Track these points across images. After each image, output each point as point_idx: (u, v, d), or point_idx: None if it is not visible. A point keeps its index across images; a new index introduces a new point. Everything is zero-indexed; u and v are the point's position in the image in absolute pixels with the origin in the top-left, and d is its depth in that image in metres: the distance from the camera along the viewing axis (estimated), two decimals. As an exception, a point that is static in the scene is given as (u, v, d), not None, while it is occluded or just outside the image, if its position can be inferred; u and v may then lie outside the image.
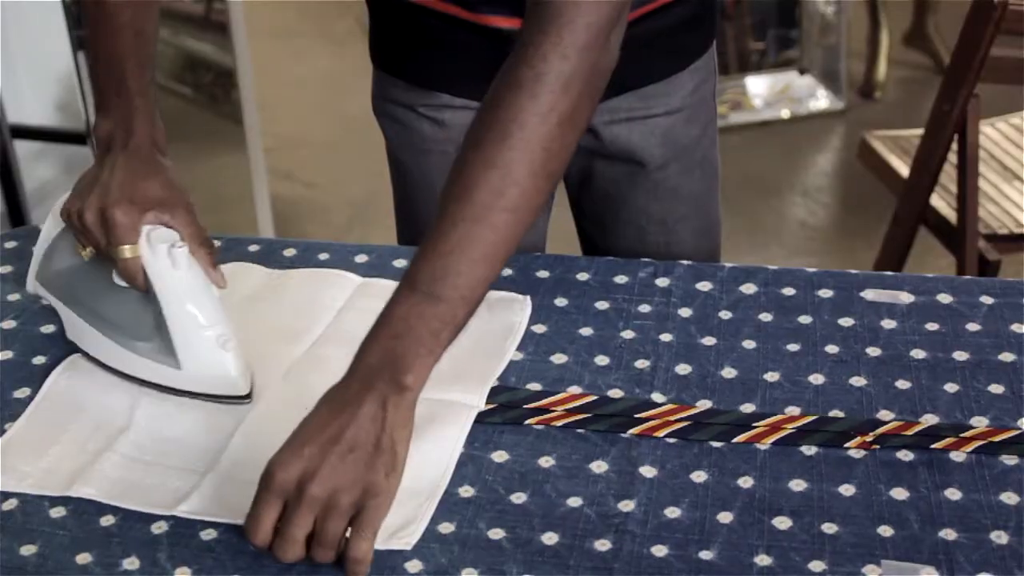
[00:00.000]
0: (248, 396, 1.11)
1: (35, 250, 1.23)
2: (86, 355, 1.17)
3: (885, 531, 0.97)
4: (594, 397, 1.11)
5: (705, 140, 1.43)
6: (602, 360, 1.16)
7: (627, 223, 1.42)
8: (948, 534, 0.96)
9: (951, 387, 1.11)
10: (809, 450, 1.05)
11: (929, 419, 1.08)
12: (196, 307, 1.11)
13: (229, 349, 1.10)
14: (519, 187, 0.98)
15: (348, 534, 0.94)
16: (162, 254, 1.10)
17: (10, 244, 1.36)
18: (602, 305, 1.23)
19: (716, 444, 1.06)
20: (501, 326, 1.20)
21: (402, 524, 0.98)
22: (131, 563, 0.97)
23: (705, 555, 0.96)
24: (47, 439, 1.08)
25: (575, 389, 1.12)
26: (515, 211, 0.98)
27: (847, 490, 1.01)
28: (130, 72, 1.15)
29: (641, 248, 1.40)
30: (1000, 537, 0.96)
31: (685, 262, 1.29)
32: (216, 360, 1.10)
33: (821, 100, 3.58)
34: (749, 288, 1.25)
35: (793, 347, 1.17)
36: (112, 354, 1.14)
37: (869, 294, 1.23)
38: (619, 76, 1.07)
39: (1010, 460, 1.03)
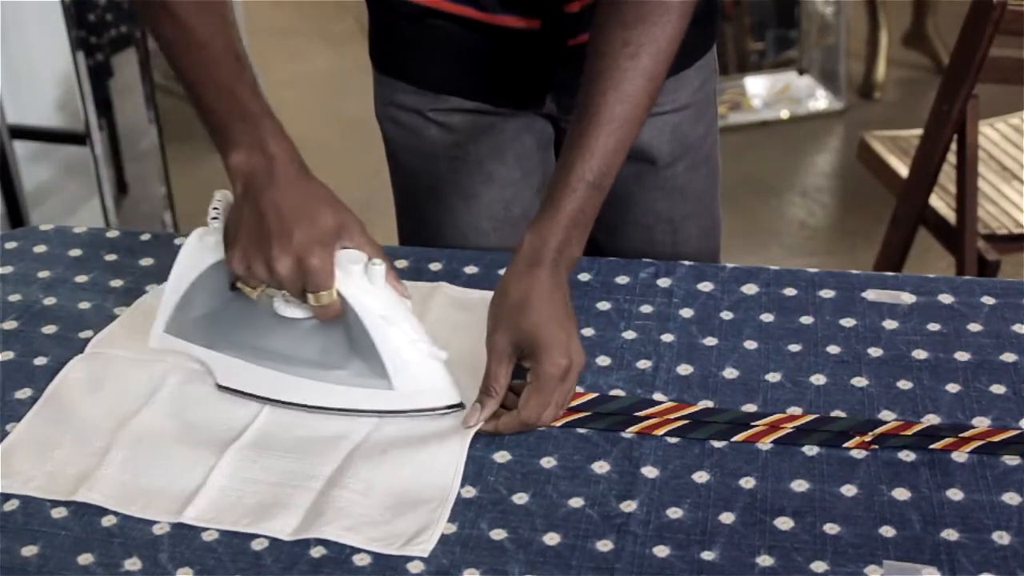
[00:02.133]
0: (462, 404, 1.09)
1: (162, 304, 1.16)
2: (249, 396, 1.12)
3: (887, 531, 0.97)
4: (594, 395, 1.11)
5: (709, 138, 1.43)
6: (603, 360, 1.16)
7: (634, 223, 1.42)
8: (950, 534, 0.96)
9: (953, 387, 1.11)
10: (811, 450, 1.05)
11: (931, 419, 1.08)
12: (404, 322, 1.08)
13: (437, 359, 1.08)
14: (655, 96, 1.14)
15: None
16: (357, 275, 1.06)
17: (10, 244, 1.36)
18: (603, 305, 1.23)
19: (718, 444, 1.06)
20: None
21: (417, 531, 0.98)
22: (132, 564, 0.97)
23: (707, 555, 0.96)
24: (50, 441, 1.08)
25: (576, 389, 1.12)
26: (646, 114, 1.14)
27: (849, 490, 1.01)
28: (247, 97, 1.09)
29: (648, 248, 1.40)
30: (1002, 537, 0.96)
31: (686, 263, 1.29)
32: (428, 373, 1.08)
33: (820, 100, 3.58)
34: (750, 288, 1.25)
35: (794, 347, 1.17)
36: (298, 390, 1.10)
37: (870, 294, 1.23)
38: None
39: (1012, 460, 1.03)
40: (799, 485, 1.02)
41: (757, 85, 3.60)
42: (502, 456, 1.06)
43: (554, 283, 1.09)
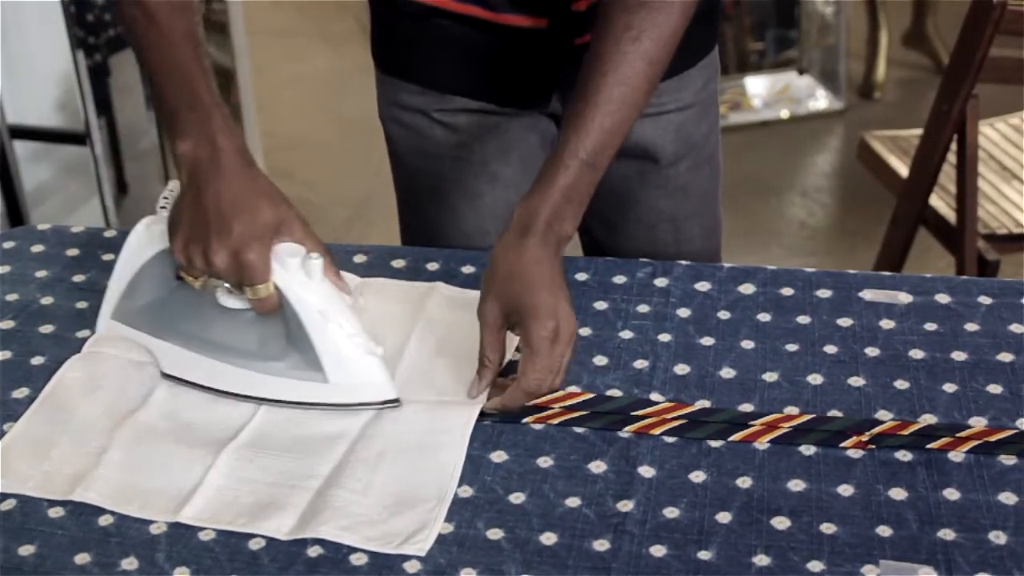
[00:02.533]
0: (398, 400, 1.09)
1: (109, 291, 1.18)
2: (189, 384, 1.13)
3: (884, 531, 0.97)
4: (591, 395, 1.11)
5: (712, 138, 1.44)
6: (600, 360, 1.16)
7: (636, 222, 1.42)
8: (946, 534, 0.96)
9: (950, 387, 1.11)
10: (808, 450, 1.05)
11: (928, 419, 1.08)
12: (340, 317, 1.08)
13: (374, 355, 1.09)
14: (655, 82, 1.15)
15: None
16: (294, 268, 1.07)
17: (8, 244, 1.36)
18: (601, 305, 1.23)
19: (714, 444, 1.06)
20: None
21: (415, 530, 0.98)
22: (130, 563, 0.97)
23: (704, 555, 0.96)
24: (47, 441, 1.08)
25: (573, 389, 1.12)
26: (645, 100, 1.15)
27: (846, 490, 1.01)
28: (199, 84, 1.10)
29: (650, 247, 1.40)
30: (998, 537, 0.96)
31: (683, 262, 1.29)
32: (364, 368, 1.08)
33: (820, 100, 3.57)
34: (748, 288, 1.25)
35: (792, 347, 1.17)
36: (237, 380, 1.11)
37: (867, 294, 1.23)
38: None
39: (1008, 460, 1.03)
40: (796, 485, 1.02)
41: (757, 85, 3.59)
42: (499, 456, 1.06)
43: (542, 253, 1.10)
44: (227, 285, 1.12)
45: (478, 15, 1.28)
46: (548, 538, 0.98)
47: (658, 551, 0.96)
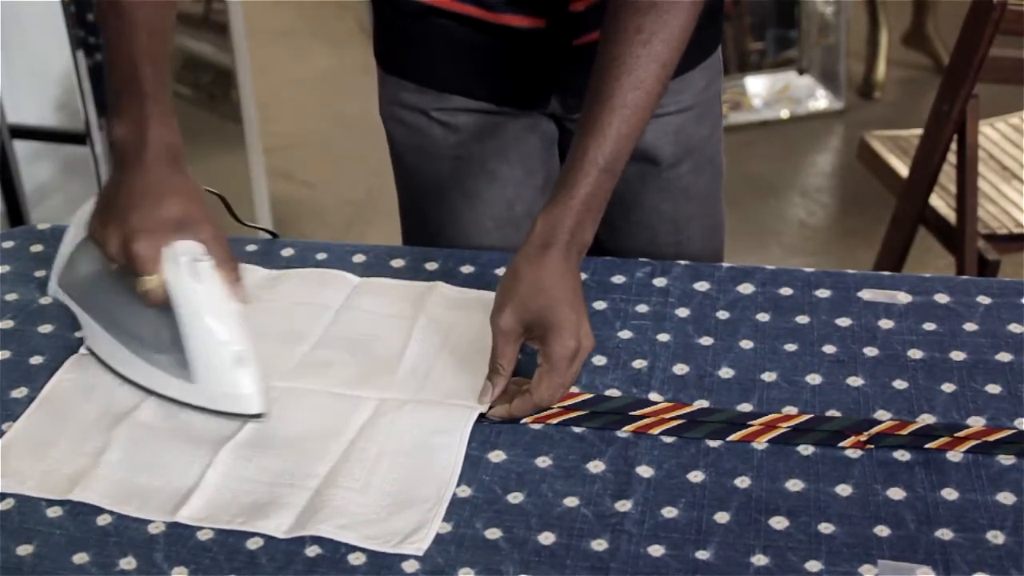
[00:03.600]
0: (261, 415, 1.09)
1: (58, 255, 1.22)
2: (100, 361, 1.16)
3: (882, 531, 0.97)
4: (590, 395, 1.11)
5: (714, 139, 1.43)
6: (599, 360, 1.16)
7: (637, 223, 1.42)
8: (944, 534, 0.96)
9: (948, 387, 1.11)
10: (806, 450, 1.05)
11: (926, 419, 1.08)
12: (216, 322, 1.09)
13: (246, 367, 1.08)
14: (667, 84, 1.15)
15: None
16: (183, 267, 1.08)
17: (8, 244, 1.36)
18: (599, 305, 1.23)
19: (713, 444, 1.06)
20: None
21: (413, 529, 0.98)
22: (128, 563, 0.97)
23: (702, 555, 0.96)
24: (46, 440, 1.08)
25: (572, 389, 1.12)
26: (658, 101, 1.15)
27: (844, 490, 1.01)
28: (144, 74, 1.11)
29: (652, 248, 1.40)
30: (996, 537, 0.96)
31: (682, 262, 1.29)
32: (231, 378, 1.09)
33: (820, 100, 3.57)
34: (746, 288, 1.25)
35: (790, 347, 1.17)
36: (127, 364, 1.13)
37: (866, 294, 1.23)
38: None
39: (1007, 460, 1.03)
40: (794, 485, 1.02)
41: (757, 85, 3.59)
42: (497, 455, 1.06)
43: (566, 266, 1.10)
44: None
45: (476, 15, 1.28)
46: (546, 538, 0.98)
47: (656, 551, 0.96)
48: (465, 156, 1.38)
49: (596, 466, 1.04)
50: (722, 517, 0.99)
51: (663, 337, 1.19)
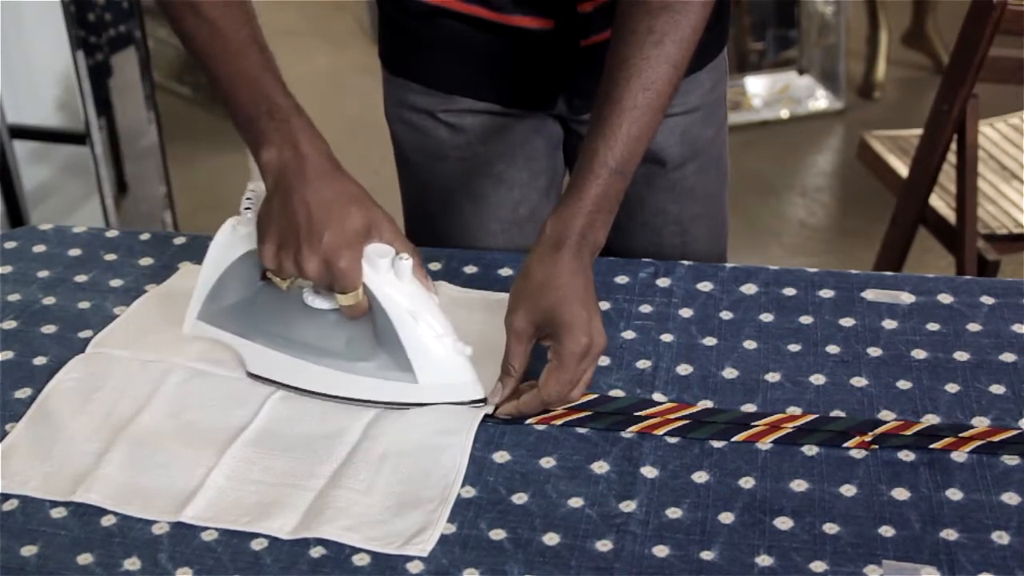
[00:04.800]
0: (485, 400, 1.10)
1: (196, 292, 1.18)
2: (277, 384, 1.13)
3: (886, 531, 0.97)
4: (594, 395, 1.11)
5: (719, 140, 1.43)
6: (603, 360, 1.16)
7: (643, 224, 1.42)
8: (949, 534, 0.96)
9: (952, 387, 1.11)
10: (810, 450, 1.05)
11: (930, 419, 1.08)
12: (430, 317, 1.08)
13: (463, 354, 1.09)
14: (678, 85, 1.14)
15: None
16: (384, 269, 1.07)
17: (9, 244, 1.36)
18: (604, 305, 1.23)
19: (717, 444, 1.06)
20: (504, 328, 1.19)
21: (417, 530, 0.98)
22: (132, 564, 0.97)
23: (706, 555, 0.96)
24: (49, 441, 1.08)
25: (576, 389, 1.12)
26: (669, 102, 1.15)
27: (848, 490, 1.01)
28: (275, 91, 1.10)
29: (657, 249, 1.40)
30: (1001, 537, 0.96)
31: (686, 262, 1.29)
32: (455, 368, 1.09)
33: (820, 100, 3.58)
34: (750, 288, 1.25)
35: (794, 347, 1.17)
36: (324, 380, 1.11)
37: (870, 294, 1.23)
38: None
39: (1011, 460, 1.03)
40: (798, 485, 1.02)
41: (757, 85, 3.60)
42: (502, 456, 1.06)
43: (577, 266, 1.10)
44: (313, 285, 1.12)
45: (483, 16, 1.28)
46: (551, 538, 0.98)
47: (661, 551, 0.96)
48: (471, 158, 1.38)
49: (600, 467, 1.04)
50: (726, 517, 0.99)
51: (667, 337, 1.19)
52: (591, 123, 1.13)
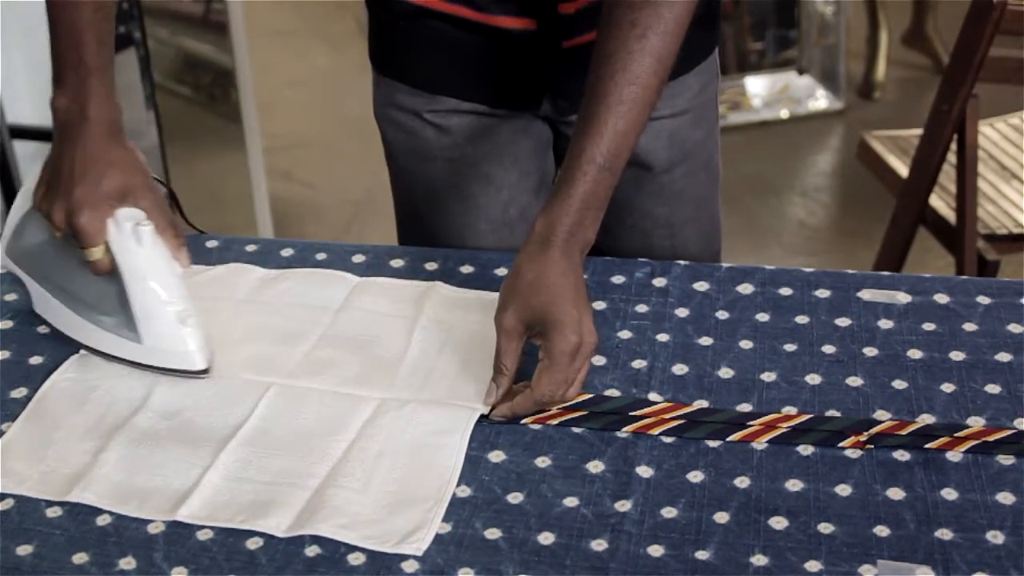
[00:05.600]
0: (206, 371, 1.14)
1: (6, 225, 1.25)
2: (49, 326, 1.20)
3: (881, 531, 0.97)
4: (590, 395, 1.11)
5: (709, 143, 1.43)
6: (599, 360, 1.16)
7: (632, 227, 1.42)
8: (944, 534, 0.96)
9: (948, 387, 1.11)
10: (805, 450, 1.05)
11: (926, 419, 1.08)
12: (158, 283, 1.14)
13: (189, 325, 1.13)
14: (665, 79, 1.14)
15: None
16: (127, 232, 1.12)
17: (8, 244, 1.36)
18: (599, 305, 1.23)
19: (712, 444, 1.06)
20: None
21: (413, 529, 0.98)
22: (127, 563, 0.97)
23: (701, 555, 0.96)
24: (45, 441, 1.08)
25: (572, 389, 1.12)
26: (657, 96, 1.14)
27: (843, 490, 1.01)
28: (88, 47, 1.15)
29: (647, 252, 1.40)
30: (996, 537, 0.96)
31: (682, 262, 1.29)
32: (175, 335, 1.13)
33: (820, 100, 3.58)
34: (746, 288, 1.25)
35: (790, 347, 1.17)
36: (78, 328, 1.18)
37: (866, 294, 1.23)
38: None
39: (1006, 460, 1.03)
40: (794, 485, 1.02)
41: (757, 85, 3.59)
42: (497, 456, 1.06)
43: (567, 264, 1.10)
44: None
45: (466, 16, 1.29)
46: (546, 538, 0.98)
47: (656, 551, 0.96)
48: (458, 158, 1.38)
49: (596, 466, 1.04)
50: (722, 517, 0.99)
51: (663, 337, 1.19)
52: (578, 120, 1.14)
